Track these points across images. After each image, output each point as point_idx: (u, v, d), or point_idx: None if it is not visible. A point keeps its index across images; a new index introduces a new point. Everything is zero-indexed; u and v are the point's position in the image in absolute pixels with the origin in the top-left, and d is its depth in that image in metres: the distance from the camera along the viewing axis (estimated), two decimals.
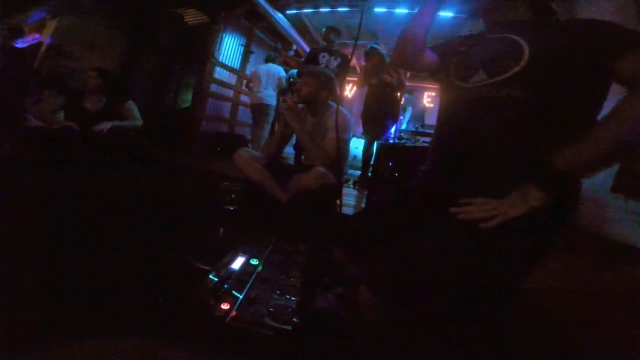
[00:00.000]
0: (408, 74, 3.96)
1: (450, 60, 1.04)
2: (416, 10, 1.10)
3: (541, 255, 0.81)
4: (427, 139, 3.98)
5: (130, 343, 0.86)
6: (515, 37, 0.86)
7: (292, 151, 2.96)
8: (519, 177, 0.75)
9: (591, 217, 2.72)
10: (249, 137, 5.33)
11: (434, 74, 1.16)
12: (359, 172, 4.05)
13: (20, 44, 4.32)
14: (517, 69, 0.82)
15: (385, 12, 4.81)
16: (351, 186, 3.66)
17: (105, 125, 2.66)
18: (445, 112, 1.01)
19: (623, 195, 2.61)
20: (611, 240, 2.57)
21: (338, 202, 2.13)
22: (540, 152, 0.74)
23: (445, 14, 4.35)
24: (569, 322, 1.23)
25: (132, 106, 2.94)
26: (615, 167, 2.52)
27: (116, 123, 2.74)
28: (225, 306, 0.90)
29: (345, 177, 2.87)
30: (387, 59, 3.63)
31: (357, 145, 5.00)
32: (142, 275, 1.12)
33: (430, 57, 1.13)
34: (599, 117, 0.79)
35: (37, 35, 4.59)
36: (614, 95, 0.79)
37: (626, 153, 0.71)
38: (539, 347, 1.05)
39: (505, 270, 0.76)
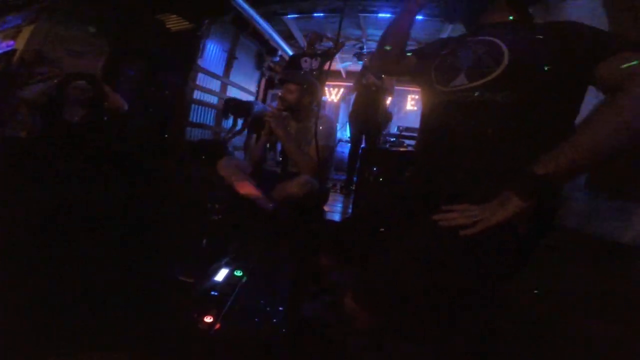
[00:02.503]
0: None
1: (431, 63, 1.03)
2: (395, 15, 1.11)
3: (525, 260, 0.81)
4: (412, 142, 4.02)
5: (113, 357, 0.84)
6: (495, 39, 0.86)
7: None
8: (501, 182, 0.75)
9: (571, 215, 2.76)
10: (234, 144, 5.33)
11: (415, 78, 1.16)
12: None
13: None
14: (497, 72, 0.82)
15: (370, 15, 4.85)
16: (338, 191, 3.66)
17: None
18: (427, 116, 1.01)
19: (599, 192, 2.65)
20: (593, 238, 2.61)
21: (324, 208, 2.13)
22: (522, 156, 0.75)
23: (426, 17, 4.42)
24: (559, 325, 1.25)
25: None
26: None
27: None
28: (208, 319, 0.89)
29: (332, 182, 2.87)
30: None
31: (344, 150, 5.02)
32: (122, 288, 1.09)
33: (410, 61, 1.14)
34: (577, 119, 0.80)
35: (11, 42, 4.47)
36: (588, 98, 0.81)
37: (604, 159, 0.70)
38: (530, 351, 1.06)
39: (489, 276, 0.76)
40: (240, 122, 5.08)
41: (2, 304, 0.94)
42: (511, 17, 0.93)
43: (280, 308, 0.99)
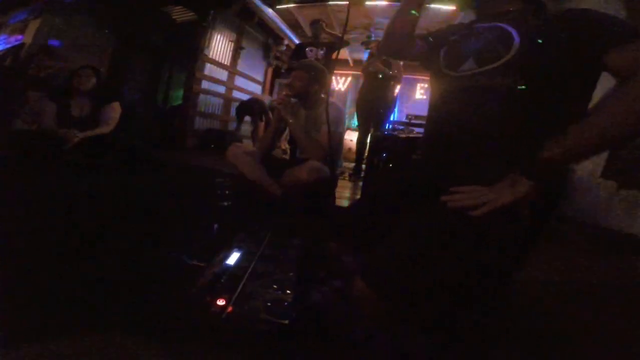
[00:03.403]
0: (402, 63, 3.94)
1: (440, 49, 1.03)
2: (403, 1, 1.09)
3: (534, 242, 0.81)
4: (421, 130, 3.98)
5: (126, 341, 0.85)
6: (505, 26, 0.86)
7: None
8: (509, 165, 0.75)
9: (582, 206, 2.72)
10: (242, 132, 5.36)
11: (424, 63, 1.15)
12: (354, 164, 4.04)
13: (1, 45, 4.23)
14: (507, 57, 0.81)
15: (377, 4, 4.78)
16: (346, 178, 3.65)
17: (76, 135, 2.58)
18: (436, 101, 1.01)
19: (614, 182, 2.61)
20: (603, 229, 2.58)
21: (333, 194, 2.12)
22: (531, 140, 0.74)
23: (437, 5, 4.35)
24: (565, 315, 1.24)
25: (111, 109, 2.83)
26: (605, 154, 2.52)
27: (87, 134, 2.64)
28: (221, 302, 0.89)
29: (340, 169, 2.86)
30: None
31: (352, 137, 4.99)
32: (136, 273, 1.10)
33: (419, 46, 1.13)
34: (590, 105, 0.79)
35: (19, 37, 4.50)
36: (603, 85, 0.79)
37: (612, 144, 0.73)
38: (535, 340, 1.06)
39: (499, 259, 0.75)
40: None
41: (12, 284, 0.96)
42: (522, 5, 0.92)
43: (291, 293, 0.99)
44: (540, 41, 0.79)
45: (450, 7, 4.39)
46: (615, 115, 0.67)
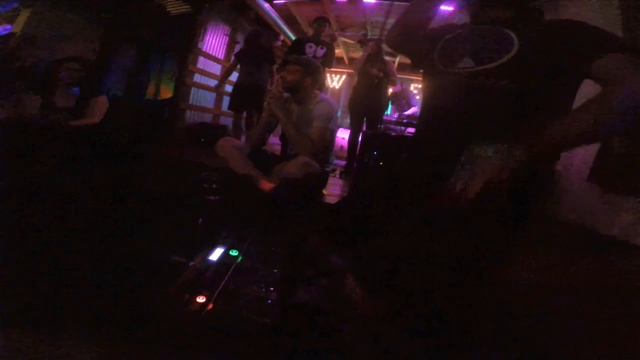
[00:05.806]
0: (397, 60, 3.95)
1: (435, 46, 1.03)
2: None
3: (520, 239, 0.83)
4: (412, 129, 3.99)
5: (102, 339, 0.82)
6: (505, 29, 0.89)
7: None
8: None
9: (570, 209, 2.74)
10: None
11: (418, 58, 1.15)
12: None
13: None
14: (505, 59, 0.84)
15: (375, 2, 4.75)
16: (337, 176, 3.64)
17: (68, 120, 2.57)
18: (430, 97, 1.03)
19: (599, 186, 2.63)
20: (591, 232, 2.60)
21: (323, 192, 2.11)
22: (519, 139, 0.77)
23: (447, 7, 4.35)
24: (551, 317, 1.23)
25: (97, 103, 2.78)
26: (591, 159, 2.57)
27: (74, 122, 2.63)
28: (201, 299, 0.87)
29: (332, 166, 2.84)
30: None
31: (344, 136, 4.98)
32: (115, 268, 1.07)
33: (423, 41, 1.12)
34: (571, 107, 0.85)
35: (7, 26, 4.40)
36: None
37: (591, 141, 0.79)
38: (521, 341, 1.05)
39: (490, 255, 0.77)
40: None
41: None
42: (519, 13, 0.94)
43: (276, 290, 0.97)
44: (536, 47, 0.83)
45: (448, 8, 4.39)
46: (597, 116, 0.72)
